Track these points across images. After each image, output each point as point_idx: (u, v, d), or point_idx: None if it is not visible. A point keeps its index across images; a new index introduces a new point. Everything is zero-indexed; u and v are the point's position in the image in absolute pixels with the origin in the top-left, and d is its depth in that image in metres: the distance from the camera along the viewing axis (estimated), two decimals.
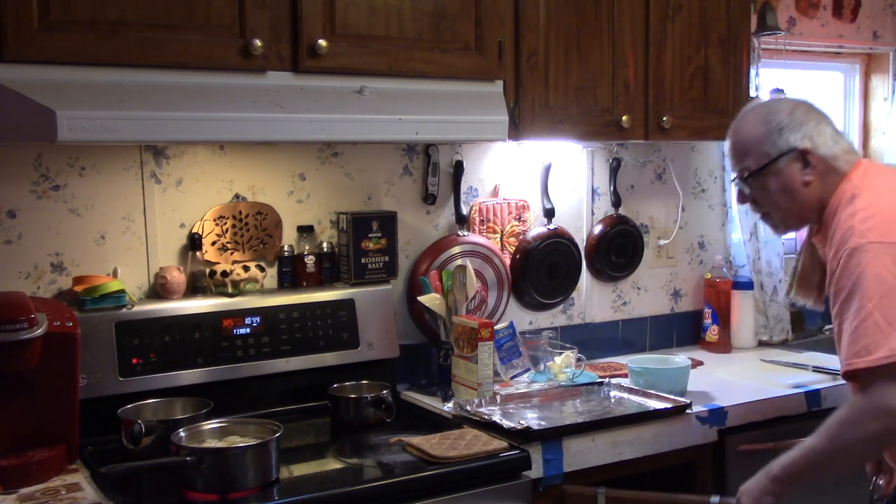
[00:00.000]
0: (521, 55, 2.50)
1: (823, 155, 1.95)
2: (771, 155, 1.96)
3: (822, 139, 1.96)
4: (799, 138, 1.95)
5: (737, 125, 2.05)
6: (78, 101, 1.86)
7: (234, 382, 2.38)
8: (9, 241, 2.25)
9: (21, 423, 1.97)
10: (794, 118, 1.96)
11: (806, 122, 1.96)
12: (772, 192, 1.99)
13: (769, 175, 1.97)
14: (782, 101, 2.05)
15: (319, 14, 2.16)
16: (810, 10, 3.60)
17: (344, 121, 2.16)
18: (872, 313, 1.76)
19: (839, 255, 1.84)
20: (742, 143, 2.01)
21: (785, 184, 1.97)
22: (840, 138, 1.99)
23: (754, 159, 1.98)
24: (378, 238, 2.62)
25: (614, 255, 3.14)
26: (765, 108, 2.02)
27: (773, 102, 2.04)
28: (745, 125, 2.02)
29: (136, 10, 1.95)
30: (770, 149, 1.96)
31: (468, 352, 2.53)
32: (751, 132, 2.00)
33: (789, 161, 1.95)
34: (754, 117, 2.01)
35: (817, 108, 2.02)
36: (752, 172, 1.99)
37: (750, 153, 1.99)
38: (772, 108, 2.00)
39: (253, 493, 1.90)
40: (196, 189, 2.47)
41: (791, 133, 1.95)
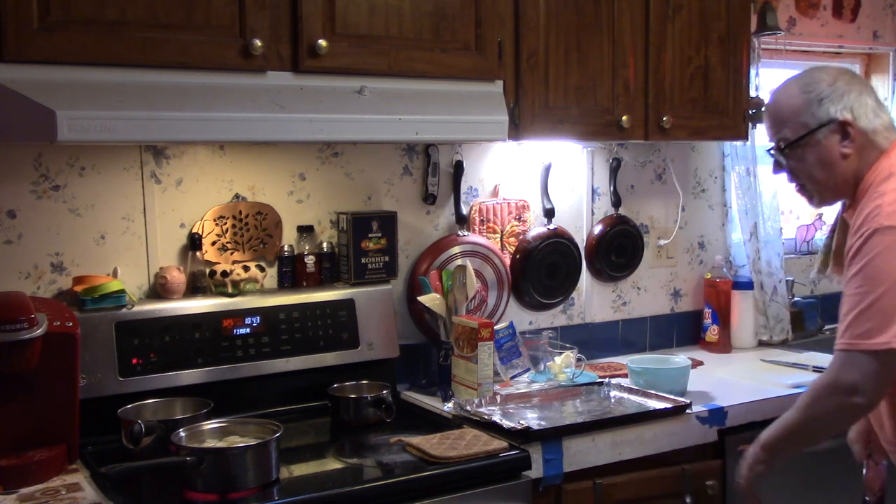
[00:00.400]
0: (521, 55, 2.50)
1: (864, 128, 1.91)
2: (810, 126, 1.92)
3: (863, 111, 1.91)
4: (839, 109, 1.91)
5: (776, 94, 2.00)
6: (78, 101, 1.86)
7: (234, 382, 2.38)
8: (9, 241, 2.25)
9: (21, 423, 1.97)
10: (835, 88, 1.92)
11: (847, 93, 1.92)
12: (809, 164, 1.95)
13: (807, 146, 1.93)
14: (825, 69, 1.99)
15: (319, 14, 2.16)
16: (810, 10, 3.60)
17: (344, 121, 2.16)
18: (882, 298, 1.76)
19: (861, 231, 1.82)
20: (780, 112, 1.98)
21: (823, 156, 1.93)
22: (882, 112, 1.95)
23: (792, 129, 1.94)
24: (378, 238, 2.62)
25: (614, 255, 3.14)
26: (806, 76, 1.97)
27: (816, 71, 1.99)
28: (785, 94, 1.98)
29: (136, 10, 1.95)
30: (809, 119, 1.92)
31: (468, 352, 2.53)
32: (790, 101, 1.96)
33: (828, 132, 1.91)
34: (795, 86, 1.96)
35: (860, 78, 1.99)
36: (789, 143, 1.95)
37: (788, 123, 1.95)
38: (813, 77, 1.96)
39: (253, 493, 1.90)
40: (196, 189, 2.47)
41: (832, 104, 1.91)
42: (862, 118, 1.91)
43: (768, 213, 3.38)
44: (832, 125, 1.91)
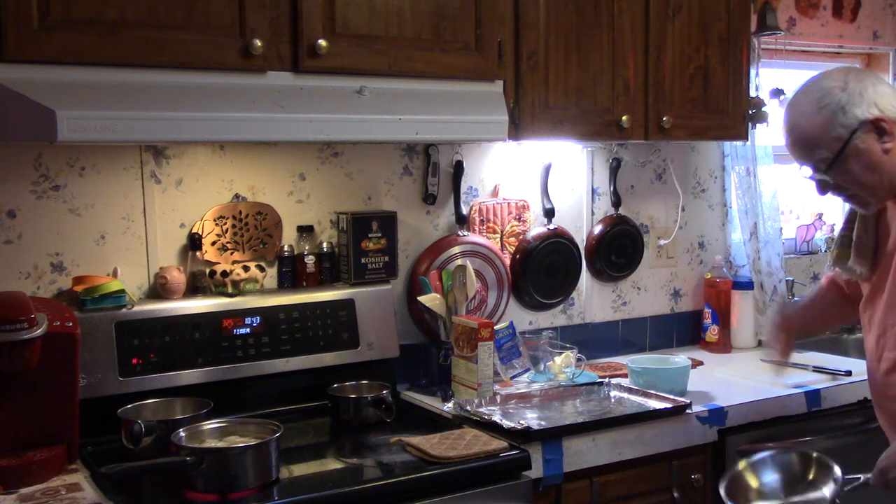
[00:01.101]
0: (521, 55, 2.50)
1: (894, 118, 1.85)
2: (844, 137, 1.85)
3: (886, 101, 1.85)
4: (864, 110, 1.84)
5: (794, 120, 1.92)
6: (78, 101, 1.86)
7: (234, 382, 2.38)
8: (9, 241, 2.25)
9: (21, 423, 1.97)
10: (850, 91, 1.85)
11: (864, 90, 1.85)
12: (856, 173, 1.88)
13: (849, 157, 1.86)
14: (829, 76, 1.92)
15: (319, 14, 2.16)
16: (810, 10, 3.60)
17: (344, 121, 2.16)
18: None
19: None
20: (807, 136, 1.89)
21: (867, 160, 1.86)
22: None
23: (828, 148, 1.87)
24: (378, 238, 2.62)
25: (614, 255, 3.14)
26: (815, 91, 1.90)
27: (823, 80, 1.91)
28: (804, 118, 1.90)
29: (136, 10, 1.95)
30: (840, 131, 1.85)
31: (468, 352, 2.53)
32: (812, 122, 1.88)
33: (864, 135, 1.85)
34: (809, 106, 1.89)
35: (865, 70, 1.93)
36: (830, 162, 1.88)
37: (821, 144, 1.88)
38: (823, 88, 1.89)
39: (253, 493, 1.90)
40: (196, 189, 2.47)
41: (855, 107, 1.84)
42: (888, 109, 1.85)
43: (768, 213, 3.38)
44: (865, 127, 1.84)
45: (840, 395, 2.74)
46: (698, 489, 2.48)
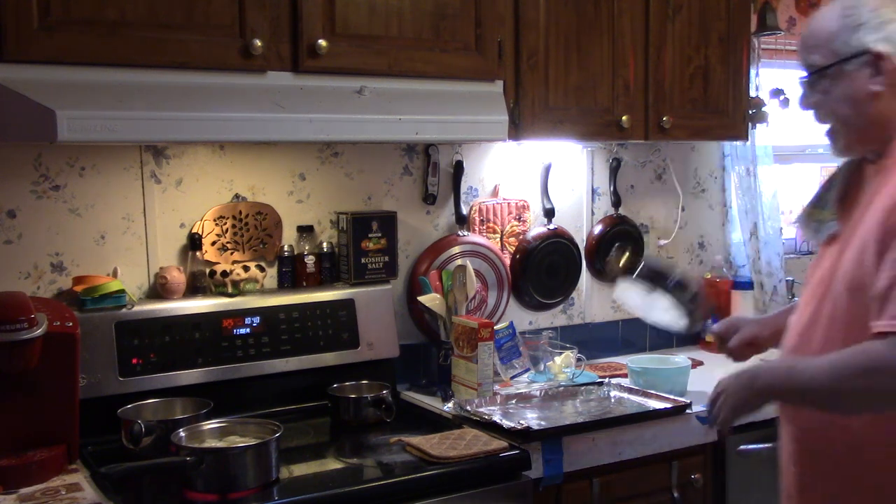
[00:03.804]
0: (521, 55, 2.50)
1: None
2: (840, 54, 1.69)
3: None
4: (875, 39, 1.66)
5: (816, 15, 1.78)
6: (78, 101, 1.86)
7: (234, 382, 2.38)
8: (9, 241, 2.25)
9: (21, 423, 1.97)
10: (877, 15, 1.67)
11: (890, 22, 1.67)
12: (833, 98, 1.72)
13: (835, 77, 1.70)
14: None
15: (319, 14, 2.16)
16: (810, 10, 3.60)
17: (344, 121, 2.16)
18: None
19: None
20: (813, 35, 1.75)
21: (850, 90, 1.69)
22: None
23: (822, 56, 1.71)
24: (378, 238, 2.62)
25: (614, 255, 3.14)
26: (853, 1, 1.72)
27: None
28: (823, 15, 1.74)
29: (136, 10, 1.95)
30: (841, 47, 1.69)
31: (468, 352, 2.53)
32: (825, 24, 1.72)
33: (860, 65, 1.68)
34: (835, 7, 1.73)
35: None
36: (816, 70, 1.73)
37: (819, 48, 1.72)
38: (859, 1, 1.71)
39: (253, 493, 1.90)
40: (196, 189, 2.47)
41: (869, 32, 1.67)
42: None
43: (768, 213, 3.38)
44: (865, 57, 1.67)
45: None
46: (698, 489, 2.48)
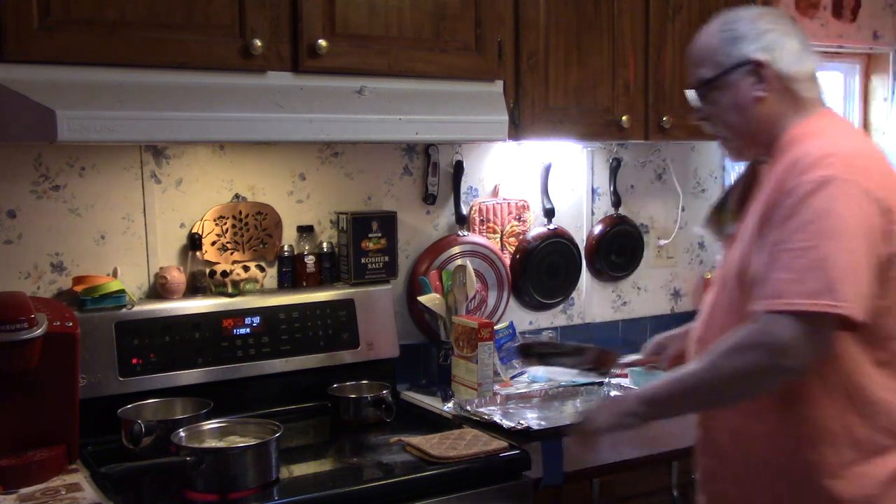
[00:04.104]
0: (521, 55, 2.50)
1: (781, 71, 1.74)
2: (724, 65, 1.76)
3: (782, 53, 1.74)
4: (755, 49, 1.74)
5: (699, 33, 1.86)
6: (78, 101, 1.86)
7: (234, 382, 2.38)
8: (9, 241, 2.25)
9: (21, 423, 1.97)
10: (754, 27, 1.76)
11: (768, 32, 1.75)
12: (723, 108, 1.79)
13: (721, 88, 1.78)
14: (749, 8, 1.85)
15: (319, 14, 2.16)
16: (810, 10, 3.60)
17: (344, 121, 2.16)
18: (829, 256, 1.53)
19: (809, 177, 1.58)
20: (698, 51, 1.83)
21: (736, 99, 1.76)
22: (806, 59, 1.77)
23: (708, 69, 1.79)
24: (378, 238, 2.62)
25: (614, 255, 3.14)
26: (729, 14, 1.82)
27: (741, 9, 1.84)
28: (705, 31, 1.83)
29: (136, 10, 1.95)
30: (724, 59, 1.76)
31: (468, 352, 2.53)
32: (708, 40, 1.81)
33: (743, 74, 1.75)
34: (716, 23, 1.82)
35: (789, 19, 1.84)
36: (703, 82, 1.80)
37: (705, 62, 1.80)
38: (736, 14, 1.81)
39: (253, 493, 1.90)
40: (196, 189, 2.47)
41: (748, 43, 1.75)
42: (780, 61, 1.74)
43: None
44: (747, 66, 1.74)
45: None
46: None
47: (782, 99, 1.75)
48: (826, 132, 1.72)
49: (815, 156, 1.61)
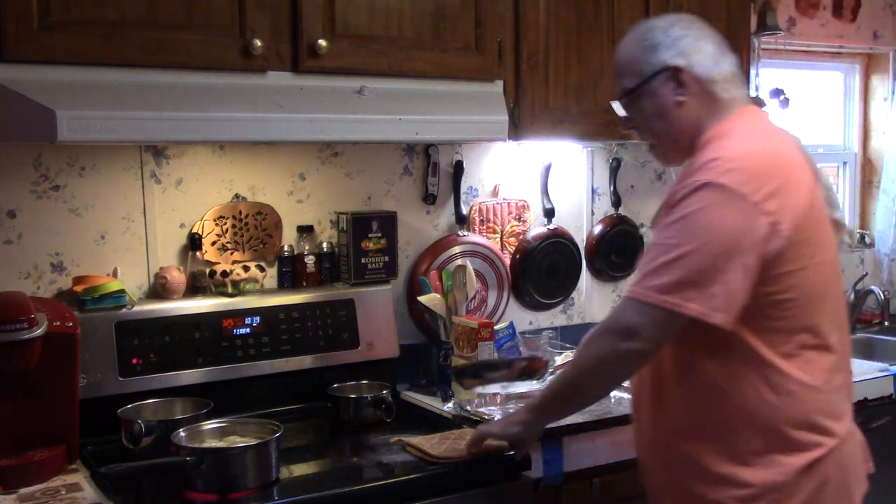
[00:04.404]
0: (521, 55, 2.50)
1: (699, 75, 1.78)
2: (645, 74, 1.80)
3: (698, 57, 1.79)
4: (672, 55, 1.78)
5: (619, 44, 1.91)
6: (78, 101, 1.86)
7: (234, 382, 2.38)
8: (9, 241, 2.25)
9: (21, 423, 1.97)
10: (669, 34, 1.81)
11: (682, 38, 1.80)
12: (647, 116, 1.84)
13: (644, 96, 1.82)
14: (664, 17, 1.88)
15: (319, 14, 2.16)
16: (810, 10, 3.60)
17: (344, 121, 2.16)
18: (689, 255, 1.62)
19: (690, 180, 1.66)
20: (619, 62, 1.88)
21: (658, 106, 1.81)
22: (723, 61, 1.81)
23: (630, 79, 1.83)
24: (378, 238, 2.62)
25: (614, 255, 3.14)
26: (645, 25, 1.87)
27: (655, 19, 1.88)
28: (624, 44, 1.88)
29: (136, 10, 1.95)
30: (644, 67, 1.81)
31: (468, 352, 2.53)
32: (627, 51, 1.85)
33: (663, 80, 1.79)
34: (633, 35, 1.86)
35: (702, 24, 1.86)
36: (626, 92, 1.84)
37: (626, 73, 1.84)
38: (651, 25, 1.85)
39: (253, 493, 1.90)
40: (196, 189, 2.47)
41: (665, 50, 1.79)
42: (697, 65, 1.78)
43: None
44: (666, 73, 1.78)
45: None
46: None
47: (702, 102, 1.80)
48: (734, 133, 1.75)
49: (703, 161, 1.68)
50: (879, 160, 3.95)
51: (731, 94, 1.81)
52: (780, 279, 1.66)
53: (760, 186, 1.63)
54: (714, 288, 1.61)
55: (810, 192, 1.72)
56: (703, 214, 1.63)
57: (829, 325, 1.74)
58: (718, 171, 1.64)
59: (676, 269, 1.62)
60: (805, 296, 1.69)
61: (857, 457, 1.81)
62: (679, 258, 1.62)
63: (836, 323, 1.77)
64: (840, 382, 1.76)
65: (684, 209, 1.65)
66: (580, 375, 1.79)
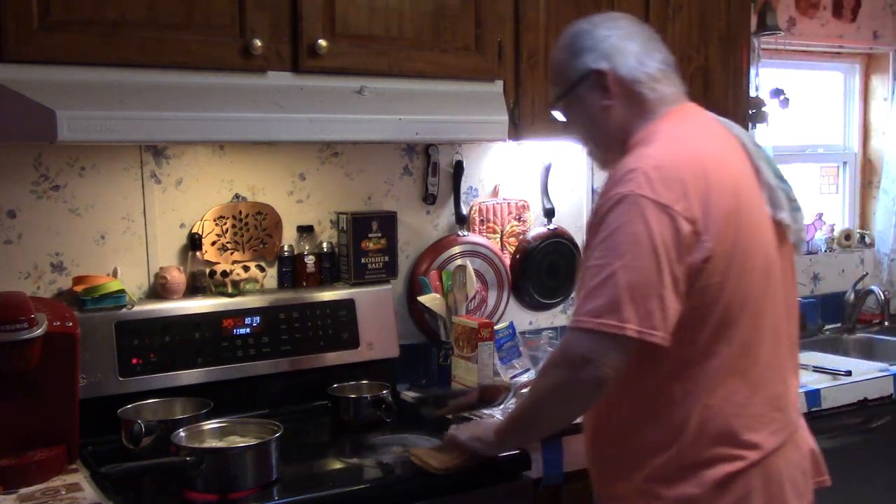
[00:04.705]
0: (521, 55, 2.50)
1: (623, 77, 1.73)
2: (571, 80, 1.77)
3: (621, 58, 1.73)
4: (594, 59, 1.74)
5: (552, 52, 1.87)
6: (78, 101, 1.86)
7: (234, 382, 2.38)
8: (9, 241, 2.25)
9: (21, 423, 1.97)
10: (593, 37, 1.75)
11: (605, 40, 1.74)
12: (579, 121, 1.81)
13: (573, 102, 1.79)
14: (593, 18, 1.82)
15: (319, 14, 2.16)
16: (810, 10, 3.60)
17: (344, 121, 2.16)
18: (617, 273, 1.56)
19: (610, 194, 1.61)
20: (551, 69, 1.86)
21: (587, 111, 1.77)
22: (649, 59, 1.75)
23: (560, 86, 1.81)
24: (378, 238, 2.62)
25: None
26: (572, 28, 1.82)
27: (583, 21, 1.82)
28: (555, 49, 1.84)
29: (136, 10, 1.95)
30: (570, 73, 1.77)
31: (468, 352, 2.53)
32: (557, 57, 1.82)
33: (589, 86, 1.75)
34: (563, 40, 1.82)
35: (628, 22, 1.79)
36: (556, 99, 1.83)
37: (557, 79, 1.82)
38: (576, 29, 1.81)
39: (253, 493, 1.90)
40: (196, 189, 2.47)
41: (588, 54, 1.74)
42: (621, 66, 1.73)
43: None
44: (591, 77, 1.74)
45: (840, 395, 2.74)
46: None
47: (628, 104, 1.74)
48: (658, 137, 1.69)
49: (622, 171, 1.62)
50: (879, 160, 3.95)
51: (660, 94, 1.75)
52: (704, 291, 1.61)
53: (681, 194, 1.58)
54: (649, 304, 1.55)
55: (736, 195, 1.65)
56: (626, 229, 1.57)
57: (759, 336, 1.68)
58: (637, 183, 1.58)
59: (608, 290, 1.56)
60: (730, 306, 1.64)
61: (797, 469, 1.75)
62: (608, 278, 1.56)
63: (771, 332, 1.71)
64: (770, 395, 1.70)
65: (608, 227, 1.59)
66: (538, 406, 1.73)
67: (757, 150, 1.80)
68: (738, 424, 1.66)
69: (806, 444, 1.80)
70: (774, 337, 1.72)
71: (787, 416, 1.74)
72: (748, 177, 1.72)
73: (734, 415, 1.66)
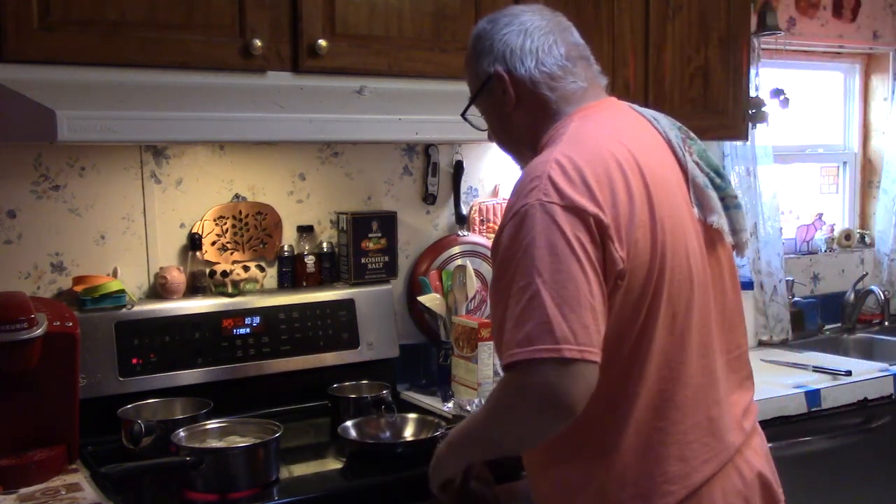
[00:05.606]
0: None
1: (521, 77, 1.61)
2: (475, 85, 1.68)
3: (516, 59, 1.61)
4: (490, 62, 1.62)
5: None
6: (78, 101, 1.86)
7: (234, 382, 2.38)
8: (9, 241, 2.25)
9: (21, 423, 1.97)
10: (491, 37, 1.63)
11: (501, 40, 1.62)
12: (490, 123, 1.72)
13: (481, 107, 1.70)
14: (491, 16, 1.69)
15: (319, 14, 2.17)
16: (810, 10, 3.60)
17: (344, 121, 2.16)
18: (541, 291, 1.39)
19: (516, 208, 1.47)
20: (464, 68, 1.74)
21: (495, 115, 1.68)
22: (547, 56, 1.62)
23: (470, 90, 1.72)
24: (378, 238, 2.62)
25: None
26: (475, 29, 1.70)
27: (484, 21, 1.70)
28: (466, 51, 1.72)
29: (136, 10, 1.95)
30: (474, 78, 1.68)
31: (468, 352, 2.53)
32: (465, 61, 1.72)
33: (491, 89, 1.64)
34: (470, 41, 1.70)
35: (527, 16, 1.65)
36: (469, 104, 1.73)
37: (469, 83, 1.72)
38: (477, 30, 1.69)
39: (253, 493, 1.90)
40: (196, 189, 2.47)
41: (485, 56, 1.63)
42: (517, 66, 1.61)
43: (768, 213, 3.38)
44: (491, 81, 1.63)
45: (840, 395, 2.74)
46: None
47: (531, 106, 1.63)
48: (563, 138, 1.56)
49: (524, 180, 1.49)
50: (879, 160, 3.95)
51: (561, 92, 1.63)
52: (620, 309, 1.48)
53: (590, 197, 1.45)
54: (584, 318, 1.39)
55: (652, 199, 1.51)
56: (541, 241, 1.41)
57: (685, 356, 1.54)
58: (543, 190, 1.44)
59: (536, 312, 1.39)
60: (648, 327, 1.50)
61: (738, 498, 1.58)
62: (532, 299, 1.39)
63: (699, 351, 1.56)
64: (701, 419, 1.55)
65: (521, 241, 1.43)
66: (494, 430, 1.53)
67: (687, 147, 1.68)
68: (664, 454, 1.52)
69: (751, 468, 1.62)
70: (704, 355, 1.58)
71: (720, 440, 1.58)
72: (670, 178, 1.59)
73: (660, 443, 1.52)
